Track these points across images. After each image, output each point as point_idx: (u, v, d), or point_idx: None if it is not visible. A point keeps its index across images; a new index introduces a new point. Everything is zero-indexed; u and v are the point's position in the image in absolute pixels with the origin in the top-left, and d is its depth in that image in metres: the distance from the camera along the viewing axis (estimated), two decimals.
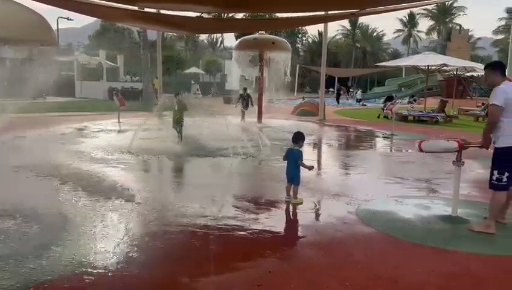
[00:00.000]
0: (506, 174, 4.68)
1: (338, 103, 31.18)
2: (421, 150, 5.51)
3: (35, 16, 3.73)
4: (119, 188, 6.43)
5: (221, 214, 5.30)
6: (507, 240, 4.70)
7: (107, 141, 10.87)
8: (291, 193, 5.90)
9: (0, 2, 3.51)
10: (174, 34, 49.78)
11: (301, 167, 5.87)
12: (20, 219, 4.75)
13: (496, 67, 4.92)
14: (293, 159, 5.87)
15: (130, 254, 4.07)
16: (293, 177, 5.87)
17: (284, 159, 6.04)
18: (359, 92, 37.63)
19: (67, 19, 39.19)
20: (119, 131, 13.33)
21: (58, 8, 11.92)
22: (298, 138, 5.98)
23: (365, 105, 31.21)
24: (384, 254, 4.31)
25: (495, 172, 4.74)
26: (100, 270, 3.67)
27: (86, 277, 3.55)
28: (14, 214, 4.86)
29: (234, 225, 4.92)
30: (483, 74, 6.38)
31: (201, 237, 4.56)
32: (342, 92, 35.80)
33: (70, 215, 5.03)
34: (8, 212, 4.90)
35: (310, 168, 5.98)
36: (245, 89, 15.75)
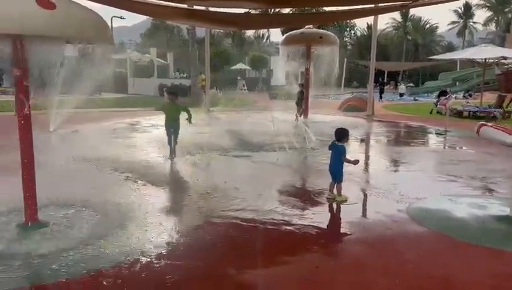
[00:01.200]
0: None
1: (381, 98, 29.93)
2: (478, 133, 5.20)
3: (95, 15, 3.92)
4: (169, 180, 6.65)
5: (268, 208, 5.34)
6: None
7: (159, 136, 11.24)
8: (334, 190, 5.78)
9: (65, 3, 3.72)
10: (222, 30, 50.44)
11: (345, 164, 5.73)
12: (82, 208, 5.04)
13: None
14: (337, 154, 5.74)
15: (179, 244, 4.21)
16: (336, 174, 5.75)
17: (329, 149, 5.85)
18: (402, 86, 36.09)
19: (121, 17, 40.67)
20: None
21: (112, 8, 12.44)
22: (342, 134, 5.77)
23: (416, 100, 30.06)
24: (437, 254, 4.17)
25: None
26: (150, 259, 3.83)
27: (136, 266, 3.72)
28: (75, 203, 5.17)
29: (281, 220, 4.95)
30: None
31: (248, 230, 4.63)
32: (386, 86, 34.32)
33: (127, 204, 5.27)
34: (69, 202, 5.22)
35: (355, 162, 5.78)
36: (302, 85, 15.59)
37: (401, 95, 32.94)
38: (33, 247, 3.98)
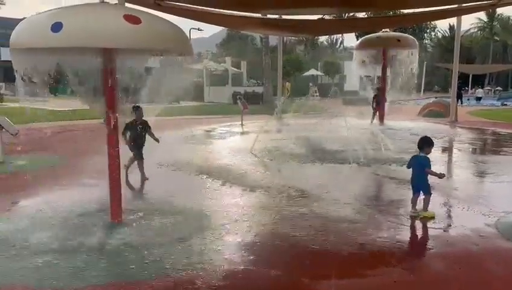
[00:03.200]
0: None
1: (461, 103, 27.76)
2: None
3: (176, 28, 4.14)
4: (243, 188, 6.76)
5: (345, 218, 5.21)
6: None
7: (233, 143, 11.53)
8: (417, 206, 5.36)
9: (149, 17, 3.97)
10: (294, 38, 50.57)
11: (429, 176, 5.32)
12: (165, 211, 5.30)
13: None
14: (419, 167, 5.30)
15: (253, 252, 4.24)
16: (420, 187, 5.33)
17: (408, 167, 5.48)
18: (480, 89, 33.37)
19: (198, 29, 42.52)
20: (242, 133, 14.01)
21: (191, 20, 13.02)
22: (425, 143, 5.37)
23: (506, 105, 27.67)
24: None
25: None
26: (221, 266, 3.90)
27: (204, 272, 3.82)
28: (158, 207, 5.44)
29: (359, 231, 4.79)
30: None
31: (326, 242, 4.52)
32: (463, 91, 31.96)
33: (208, 209, 5.45)
34: (152, 205, 5.52)
35: (441, 176, 5.32)
36: (378, 89, 15.19)
37: (478, 99, 30.55)
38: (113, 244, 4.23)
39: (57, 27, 3.69)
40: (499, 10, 53.96)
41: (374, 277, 3.75)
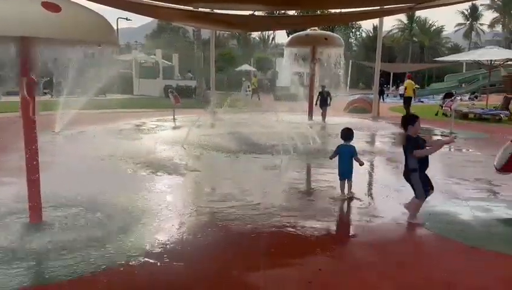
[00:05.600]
0: None
1: (383, 100, 29.58)
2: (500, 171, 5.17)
3: (99, 17, 3.94)
4: (173, 182, 6.66)
5: (272, 209, 5.33)
6: None
7: (163, 137, 11.29)
8: (345, 189, 5.89)
9: (70, 5, 3.75)
10: (227, 32, 50.51)
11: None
12: (86, 208, 5.06)
13: None
14: (348, 155, 5.88)
15: (183, 246, 4.21)
16: (347, 173, 5.89)
17: (332, 157, 6.04)
18: (402, 86, 35.75)
19: (126, 19, 40.88)
20: (174, 127, 13.77)
21: (118, 10, 12.50)
22: (349, 134, 6.03)
23: (422, 102, 29.91)
24: (440, 257, 4.15)
25: None
26: (149, 260, 3.84)
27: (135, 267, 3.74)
28: (77, 203, 5.19)
29: (285, 222, 4.94)
30: None
31: (252, 232, 4.62)
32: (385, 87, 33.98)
33: (132, 205, 5.27)
34: (73, 202, 5.25)
35: (362, 163, 5.95)
36: (323, 87, 15.56)
37: (401, 95, 32.73)
38: (33, 246, 3.99)
39: None
40: (418, 13, 58.11)
41: (300, 265, 3.90)
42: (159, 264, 3.78)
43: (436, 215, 5.27)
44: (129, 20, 41.89)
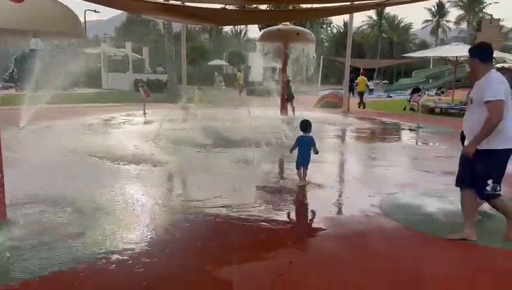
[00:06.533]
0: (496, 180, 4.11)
1: (352, 94, 29.87)
2: None
3: (64, 8, 3.82)
4: (142, 176, 6.56)
5: (242, 203, 5.34)
6: None
7: (133, 132, 11.09)
8: (306, 178, 6.22)
9: None
10: (199, 26, 49.97)
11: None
12: (53, 205, 4.92)
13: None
14: (308, 146, 6.18)
15: (153, 242, 4.16)
16: (305, 162, 6.21)
17: (292, 150, 6.35)
18: (371, 82, 36.21)
19: (94, 11, 39.74)
20: (144, 122, 13.55)
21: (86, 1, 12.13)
22: (308, 125, 6.34)
23: (391, 97, 30.57)
24: (408, 248, 4.27)
25: (489, 181, 4.08)
26: (120, 258, 3.78)
27: (104, 265, 3.67)
28: (42, 200, 5.04)
29: (255, 215, 4.96)
30: None
31: (222, 226, 4.62)
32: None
33: (101, 200, 5.17)
34: (39, 199, 5.09)
35: (317, 152, 6.28)
36: (288, 81, 15.59)
37: (371, 90, 33.25)
38: None
39: None
40: (387, 10, 59.22)
41: (271, 258, 3.93)
42: (124, 261, 3.72)
43: (404, 207, 5.41)
44: (98, 12, 40.76)
